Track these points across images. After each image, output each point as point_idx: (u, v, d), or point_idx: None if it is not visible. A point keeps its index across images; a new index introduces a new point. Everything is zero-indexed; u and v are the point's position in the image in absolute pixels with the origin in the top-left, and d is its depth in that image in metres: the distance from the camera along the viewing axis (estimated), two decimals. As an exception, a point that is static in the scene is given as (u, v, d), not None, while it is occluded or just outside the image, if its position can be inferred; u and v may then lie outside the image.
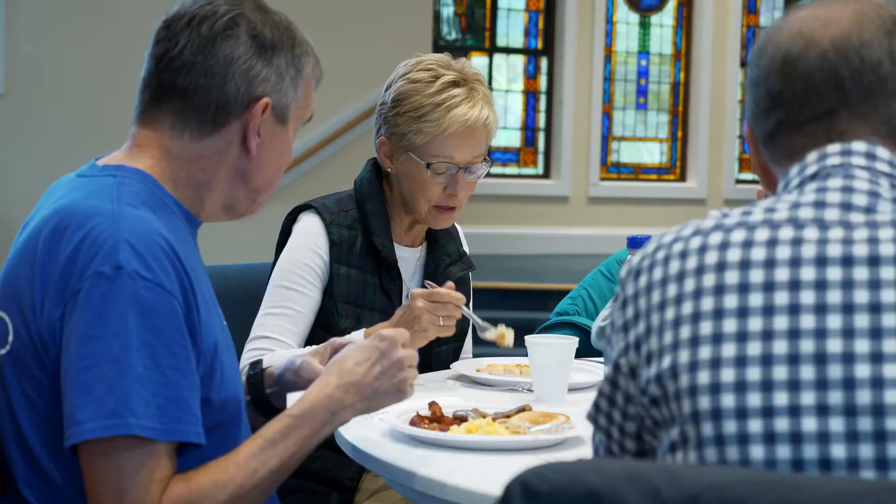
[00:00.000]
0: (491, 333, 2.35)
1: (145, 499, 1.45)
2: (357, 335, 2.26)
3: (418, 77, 2.40)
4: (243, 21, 1.62)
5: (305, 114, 1.71)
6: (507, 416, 1.90)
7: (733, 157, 9.98)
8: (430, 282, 2.38)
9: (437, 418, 1.88)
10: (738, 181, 10.02)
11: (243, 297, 2.66)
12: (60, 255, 1.48)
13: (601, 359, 2.27)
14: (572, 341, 2.19)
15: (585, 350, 2.50)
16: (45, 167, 6.00)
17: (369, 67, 6.38)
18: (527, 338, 2.20)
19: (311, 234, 2.39)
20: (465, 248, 2.61)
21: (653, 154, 9.96)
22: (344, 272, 2.38)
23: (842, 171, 1.20)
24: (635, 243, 2.09)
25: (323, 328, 2.38)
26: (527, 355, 2.23)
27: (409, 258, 2.49)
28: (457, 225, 2.62)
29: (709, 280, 1.17)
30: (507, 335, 2.34)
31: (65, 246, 1.48)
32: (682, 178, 9.96)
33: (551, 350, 2.15)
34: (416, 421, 1.87)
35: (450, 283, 2.31)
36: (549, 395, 2.14)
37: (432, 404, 1.92)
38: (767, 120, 1.27)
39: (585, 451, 1.79)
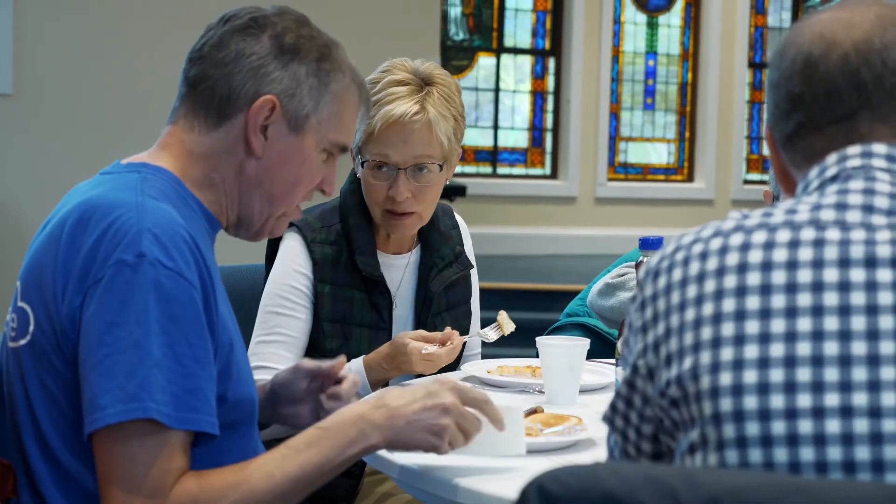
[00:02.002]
0: (493, 333, 2.35)
1: (155, 488, 1.45)
2: (357, 361, 2.25)
3: (374, 76, 2.36)
4: (268, 23, 1.63)
5: (331, 134, 1.67)
6: (519, 418, 1.88)
7: (741, 158, 9.97)
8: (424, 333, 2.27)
9: (448, 420, 1.87)
10: (746, 181, 10.01)
11: (240, 298, 2.64)
12: (84, 245, 1.49)
13: (612, 360, 2.26)
14: (583, 343, 2.18)
15: (596, 351, 2.49)
16: (52, 167, 6.00)
17: (375, 68, 6.37)
18: (538, 339, 2.19)
19: (293, 256, 2.35)
20: (469, 246, 2.54)
21: (660, 154, 9.95)
22: (328, 291, 2.33)
23: (863, 173, 1.20)
24: (647, 244, 2.07)
25: (310, 347, 2.35)
26: (537, 356, 2.22)
27: (396, 265, 2.43)
28: (461, 222, 2.56)
29: (730, 281, 1.16)
30: (504, 324, 2.34)
31: (88, 236, 1.49)
32: (690, 178, 9.95)
33: (563, 351, 2.14)
34: (428, 422, 1.85)
35: (447, 332, 2.24)
36: (561, 397, 2.13)
37: (443, 406, 1.90)
38: (787, 122, 1.26)
39: (598, 454, 1.78)
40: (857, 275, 1.13)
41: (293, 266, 2.34)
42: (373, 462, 1.83)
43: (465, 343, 2.30)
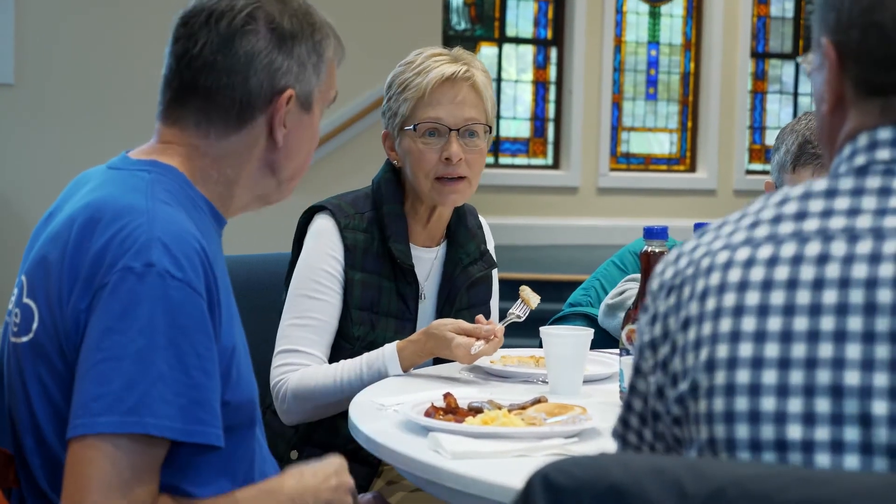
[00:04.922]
0: (521, 312, 2.33)
1: (138, 501, 1.42)
2: (390, 347, 2.25)
3: (409, 59, 2.41)
4: (261, 14, 1.61)
5: (330, 94, 1.71)
6: (523, 408, 1.88)
7: (743, 148, 9.95)
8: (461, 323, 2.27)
9: (452, 410, 1.88)
10: (749, 172, 9.98)
11: (257, 287, 2.64)
12: (92, 247, 1.48)
13: (616, 350, 2.26)
14: (587, 333, 2.18)
15: (600, 341, 2.49)
16: (53, 158, 5.99)
17: (378, 58, 6.36)
18: (541, 329, 2.19)
19: (326, 239, 2.36)
20: (491, 245, 2.57)
21: (662, 144, 9.94)
22: (358, 278, 2.35)
23: (882, 167, 1.13)
24: (651, 234, 2.06)
25: (337, 333, 2.36)
26: (541, 346, 2.21)
27: (425, 258, 2.46)
28: (484, 223, 2.59)
29: (729, 300, 1.12)
30: (530, 299, 2.33)
31: (97, 238, 1.48)
32: (692, 168, 9.93)
33: (567, 341, 2.14)
34: (432, 412, 1.86)
35: (479, 318, 2.25)
36: (565, 387, 2.13)
37: (447, 395, 1.91)
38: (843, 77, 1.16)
39: (602, 443, 1.78)
40: (856, 296, 1.07)
41: (326, 250, 2.36)
42: (377, 452, 1.83)
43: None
